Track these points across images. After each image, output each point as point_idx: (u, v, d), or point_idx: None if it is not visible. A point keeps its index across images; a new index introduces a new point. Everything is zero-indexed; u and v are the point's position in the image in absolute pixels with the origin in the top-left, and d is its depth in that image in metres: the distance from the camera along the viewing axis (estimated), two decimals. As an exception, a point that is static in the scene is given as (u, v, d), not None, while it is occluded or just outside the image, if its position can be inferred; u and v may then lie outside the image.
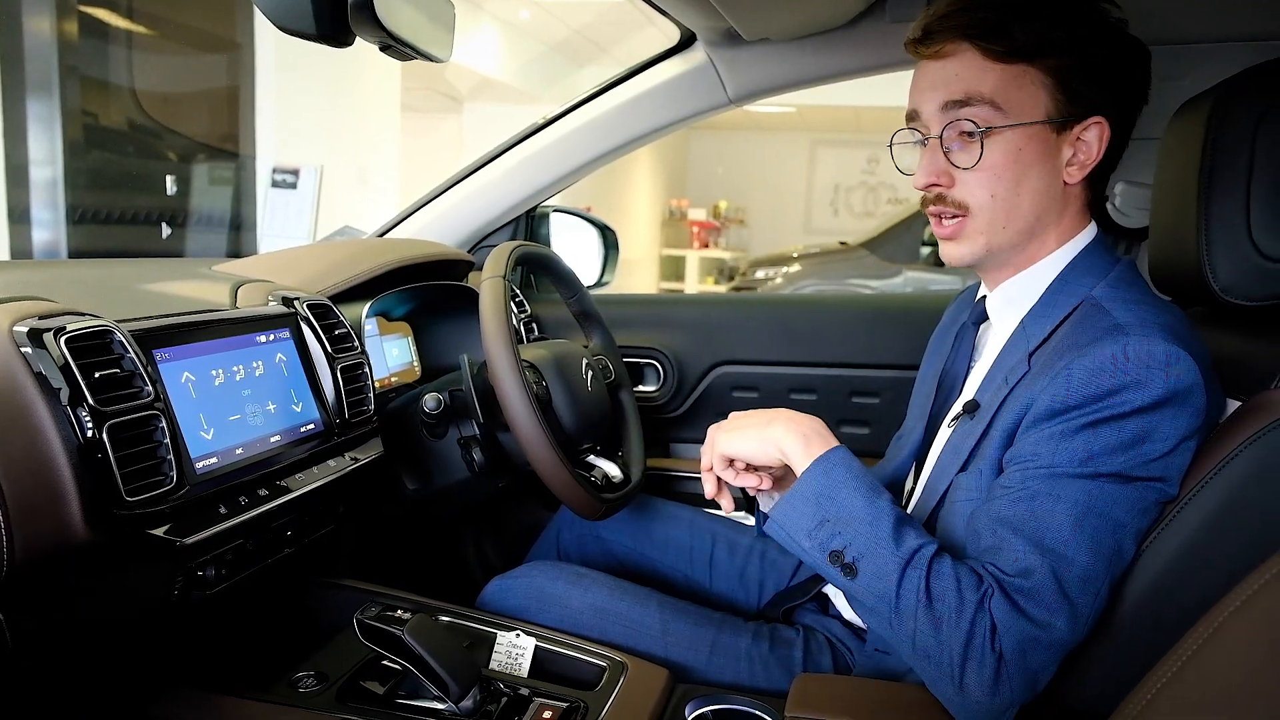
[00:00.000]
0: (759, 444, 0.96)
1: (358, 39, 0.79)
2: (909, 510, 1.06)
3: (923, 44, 0.95)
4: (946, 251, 1.00)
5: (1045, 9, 0.92)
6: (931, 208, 0.98)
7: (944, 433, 1.04)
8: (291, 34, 0.75)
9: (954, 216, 0.97)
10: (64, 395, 0.79)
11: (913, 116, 0.99)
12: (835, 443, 0.94)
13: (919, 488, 1.06)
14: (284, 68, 4.64)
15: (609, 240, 2.08)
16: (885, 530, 0.87)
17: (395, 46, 0.82)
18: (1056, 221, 0.97)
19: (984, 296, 1.06)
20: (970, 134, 0.93)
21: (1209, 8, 1.34)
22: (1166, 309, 0.91)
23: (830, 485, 0.90)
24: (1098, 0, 0.93)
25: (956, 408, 1.02)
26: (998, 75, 0.92)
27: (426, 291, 1.58)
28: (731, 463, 1.02)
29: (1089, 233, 0.99)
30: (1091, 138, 0.94)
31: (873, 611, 0.88)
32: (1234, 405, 0.90)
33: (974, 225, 0.96)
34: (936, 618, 0.83)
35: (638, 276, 10.53)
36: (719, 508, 1.06)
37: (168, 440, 0.87)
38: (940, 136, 0.95)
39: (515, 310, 1.69)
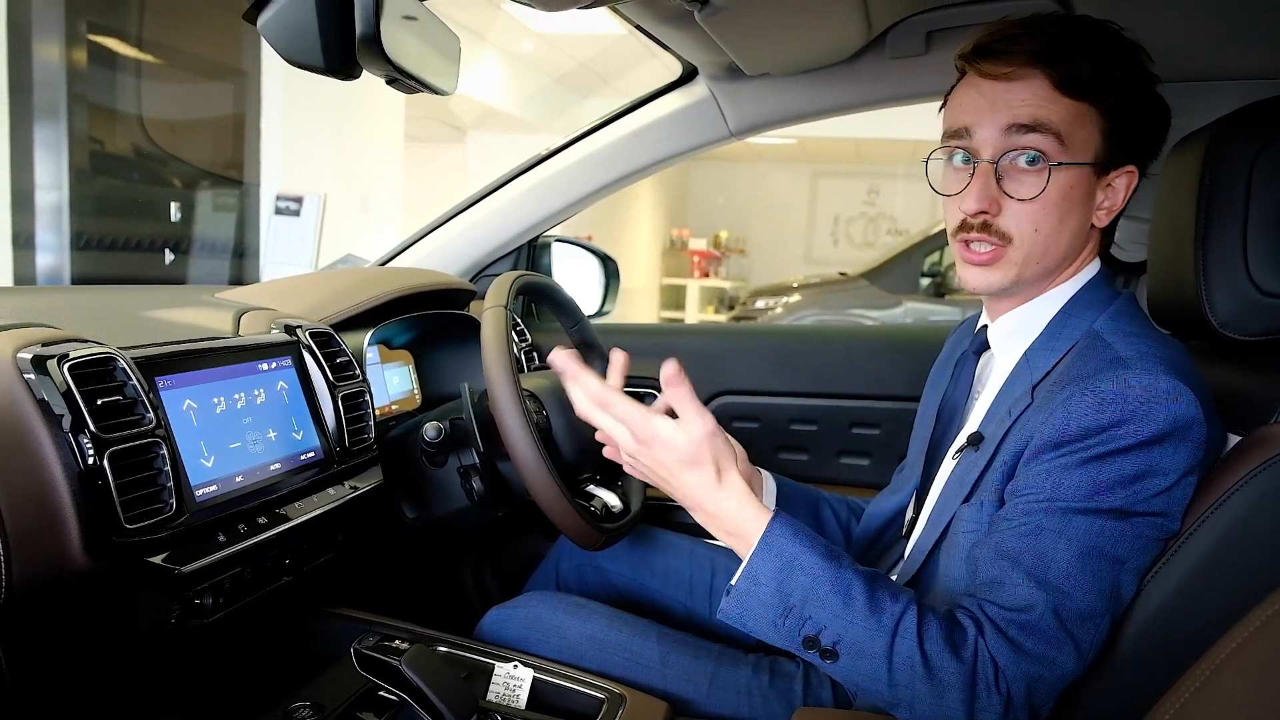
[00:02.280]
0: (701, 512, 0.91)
1: (364, 72, 0.80)
2: (910, 544, 1.05)
3: (987, 62, 0.91)
4: (975, 277, 0.96)
5: (1107, 48, 0.91)
6: (968, 234, 0.94)
7: (948, 464, 1.03)
8: (300, 67, 0.76)
9: (991, 244, 0.94)
10: (66, 422, 0.80)
11: (959, 135, 0.94)
12: (763, 513, 0.88)
13: (921, 519, 1.06)
14: (289, 96, 4.69)
15: (610, 270, 2.09)
16: (859, 604, 0.82)
17: (401, 79, 0.83)
18: (1073, 260, 0.97)
19: (984, 326, 1.06)
20: (1035, 163, 0.90)
21: (1205, 46, 1.36)
22: (1168, 342, 0.91)
23: (786, 568, 0.84)
24: (1141, 53, 0.93)
25: (960, 439, 1.02)
26: (1063, 109, 0.90)
27: (428, 320, 1.59)
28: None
29: (1092, 268, 0.99)
30: (1120, 185, 0.94)
31: (863, 689, 0.84)
32: (1234, 440, 0.90)
33: (1011, 256, 0.94)
34: (937, 681, 0.80)
35: (638, 306, 10.55)
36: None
37: (168, 468, 0.87)
38: (996, 162, 0.92)
39: (516, 339, 1.70)
